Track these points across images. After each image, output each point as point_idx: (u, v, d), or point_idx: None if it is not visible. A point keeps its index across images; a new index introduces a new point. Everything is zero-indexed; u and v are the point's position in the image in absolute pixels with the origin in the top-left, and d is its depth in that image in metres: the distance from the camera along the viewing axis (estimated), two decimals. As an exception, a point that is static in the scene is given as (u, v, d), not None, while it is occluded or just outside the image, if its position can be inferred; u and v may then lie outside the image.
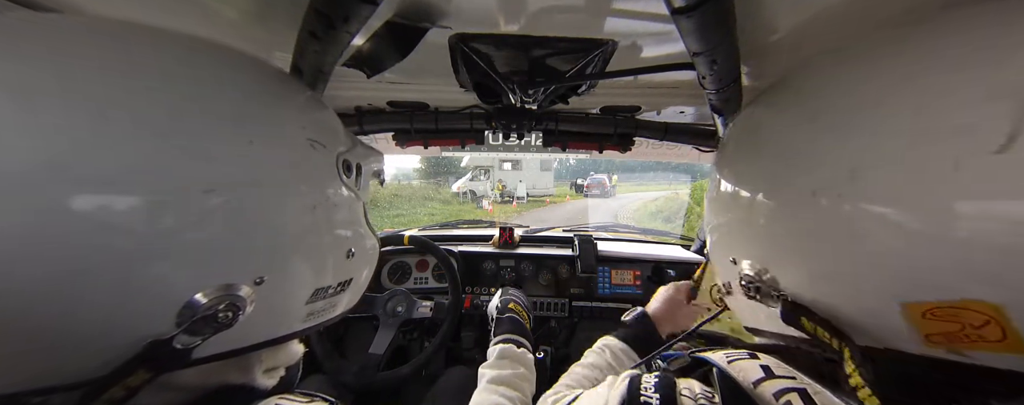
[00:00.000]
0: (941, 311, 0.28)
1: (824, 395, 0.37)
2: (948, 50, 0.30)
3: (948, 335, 0.29)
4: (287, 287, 0.46)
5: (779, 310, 0.42)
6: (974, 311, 0.27)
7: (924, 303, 0.29)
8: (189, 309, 0.36)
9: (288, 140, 0.46)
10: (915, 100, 0.31)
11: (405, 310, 1.32)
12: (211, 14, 0.58)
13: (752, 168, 0.50)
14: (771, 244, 0.44)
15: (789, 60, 0.70)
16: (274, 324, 0.47)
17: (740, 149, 0.56)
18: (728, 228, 0.53)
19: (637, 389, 0.44)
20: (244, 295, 0.40)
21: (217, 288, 0.38)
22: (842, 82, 0.41)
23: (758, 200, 0.46)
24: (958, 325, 0.28)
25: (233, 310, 0.38)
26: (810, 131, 0.41)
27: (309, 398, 0.47)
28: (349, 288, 0.57)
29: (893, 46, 0.36)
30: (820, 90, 0.44)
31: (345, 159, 0.53)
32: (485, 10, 0.55)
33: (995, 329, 0.26)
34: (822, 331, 0.37)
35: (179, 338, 0.36)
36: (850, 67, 0.41)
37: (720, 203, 0.56)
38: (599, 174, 21.87)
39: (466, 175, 18.86)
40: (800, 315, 0.40)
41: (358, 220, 0.57)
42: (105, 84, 0.34)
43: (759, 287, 0.44)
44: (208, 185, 0.36)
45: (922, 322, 0.30)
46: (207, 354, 0.40)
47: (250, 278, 0.40)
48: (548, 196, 20.57)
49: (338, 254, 0.53)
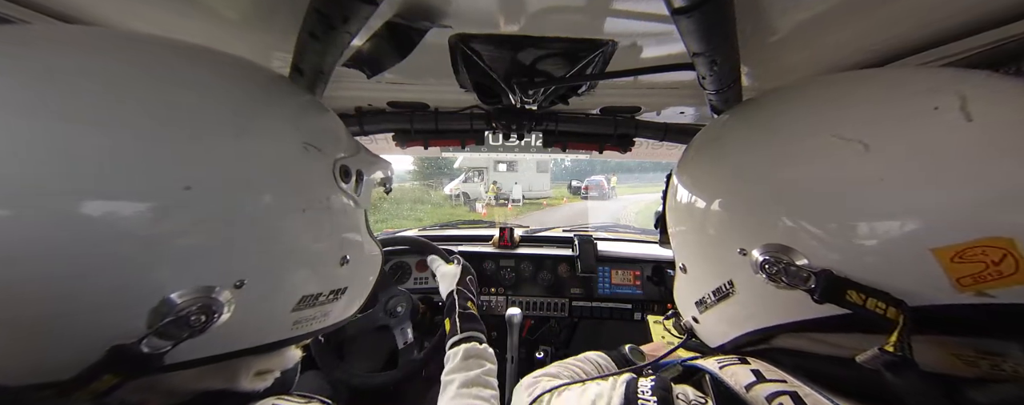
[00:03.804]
0: (968, 252, 0.33)
1: (814, 397, 0.37)
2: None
3: (975, 276, 0.33)
4: (271, 292, 0.44)
5: (812, 288, 0.40)
6: (994, 247, 0.32)
7: (952, 246, 0.33)
8: (161, 311, 0.35)
9: (278, 141, 0.45)
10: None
11: (405, 310, 1.32)
12: (212, 14, 0.58)
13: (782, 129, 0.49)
14: (799, 212, 0.42)
15: (789, 61, 0.70)
16: (257, 330, 0.45)
17: (748, 129, 0.55)
18: (731, 218, 0.51)
19: (634, 392, 0.44)
20: (222, 299, 0.38)
21: (194, 289, 0.36)
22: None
23: (787, 165, 0.45)
24: (982, 264, 0.32)
25: (207, 313, 0.36)
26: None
27: (306, 400, 0.46)
28: (343, 296, 0.55)
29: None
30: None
31: (343, 165, 0.52)
32: (485, 10, 0.56)
33: (1010, 262, 0.31)
34: (875, 301, 0.36)
35: (149, 341, 0.34)
36: None
37: (725, 192, 0.52)
38: (597, 175, 21.03)
39: (459, 177, 18.01)
40: (844, 289, 0.38)
41: (356, 227, 0.56)
42: (90, 89, 0.34)
43: (787, 268, 0.41)
44: (187, 182, 0.35)
45: (952, 266, 0.33)
46: (185, 359, 0.38)
47: (230, 280, 0.39)
48: (544, 198, 19.88)
49: (330, 261, 0.51)
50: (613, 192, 20.45)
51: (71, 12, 0.57)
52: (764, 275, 0.44)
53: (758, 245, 0.45)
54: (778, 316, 0.46)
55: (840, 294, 0.38)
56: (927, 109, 0.38)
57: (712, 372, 0.44)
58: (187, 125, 0.37)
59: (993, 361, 0.35)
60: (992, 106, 0.36)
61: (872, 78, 0.47)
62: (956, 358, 0.36)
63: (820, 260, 0.40)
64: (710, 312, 0.56)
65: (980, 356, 0.36)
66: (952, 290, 0.34)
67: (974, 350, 0.36)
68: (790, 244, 0.42)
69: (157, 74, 0.39)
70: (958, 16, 0.53)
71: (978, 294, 0.33)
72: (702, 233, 0.55)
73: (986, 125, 0.35)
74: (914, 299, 0.36)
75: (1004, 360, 0.35)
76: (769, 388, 0.38)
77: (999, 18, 0.52)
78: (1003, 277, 0.32)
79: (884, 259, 0.37)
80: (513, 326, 1.29)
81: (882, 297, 0.36)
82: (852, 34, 0.60)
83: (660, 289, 1.53)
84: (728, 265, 0.50)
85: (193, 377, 0.42)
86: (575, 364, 0.78)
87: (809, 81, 0.53)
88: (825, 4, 0.52)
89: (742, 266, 0.47)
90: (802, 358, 0.45)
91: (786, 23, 0.57)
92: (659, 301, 1.51)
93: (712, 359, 0.47)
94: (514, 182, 18.54)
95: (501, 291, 1.57)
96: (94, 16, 0.58)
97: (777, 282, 0.42)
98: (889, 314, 0.36)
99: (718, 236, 0.52)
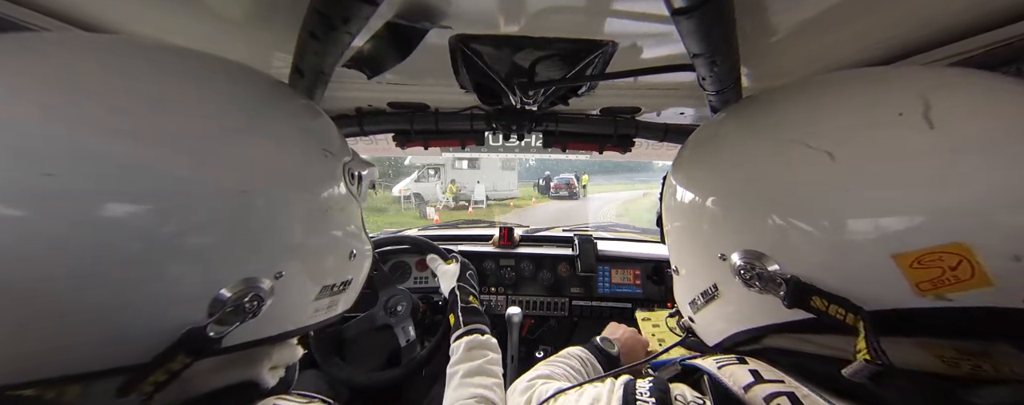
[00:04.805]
0: (926, 257, 0.34)
1: (812, 398, 0.37)
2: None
3: (933, 281, 0.34)
4: (300, 283, 0.49)
5: (783, 295, 0.41)
6: (950, 253, 0.33)
7: (911, 252, 0.34)
8: (219, 301, 0.40)
9: (307, 149, 0.51)
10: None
11: (406, 309, 1.32)
12: (212, 15, 0.58)
13: (755, 138, 0.50)
14: (771, 219, 0.43)
15: (789, 61, 0.70)
16: (286, 318, 0.50)
17: (735, 135, 0.55)
18: (713, 221, 0.51)
19: (632, 393, 0.45)
20: (266, 287, 0.43)
21: (244, 281, 0.41)
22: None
23: (759, 167, 0.46)
24: (940, 269, 0.33)
25: (258, 300, 0.42)
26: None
27: (307, 399, 0.47)
28: (349, 288, 0.60)
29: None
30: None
31: (349, 167, 0.57)
32: (485, 11, 0.56)
33: (966, 268, 0.33)
34: (835, 307, 0.38)
35: (212, 327, 0.39)
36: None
37: (710, 193, 0.52)
38: (566, 174, 19.14)
39: (412, 175, 15.21)
40: (809, 295, 0.39)
41: (359, 224, 0.61)
42: (146, 107, 0.38)
43: (760, 274, 0.43)
44: (243, 187, 0.41)
45: (911, 271, 0.35)
46: (233, 343, 0.43)
47: (272, 272, 0.44)
48: (511, 199, 17.81)
49: (342, 254, 0.56)
50: (583, 191, 19.20)
51: (73, 13, 0.57)
52: (740, 280, 0.45)
53: (736, 250, 0.46)
54: (761, 318, 0.47)
55: (806, 300, 0.40)
56: (891, 116, 0.39)
57: (710, 372, 0.44)
58: (237, 139, 0.43)
59: (974, 362, 0.36)
60: (954, 112, 0.37)
61: (849, 81, 0.47)
62: (938, 359, 0.37)
63: (791, 266, 0.41)
64: (702, 313, 0.57)
65: (961, 357, 0.36)
66: (912, 294, 0.35)
67: (955, 351, 0.36)
68: (765, 250, 0.43)
69: (206, 89, 0.44)
70: (959, 17, 0.53)
71: (937, 298, 0.34)
72: (690, 234, 0.57)
73: (946, 132, 0.35)
74: (876, 303, 0.37)
75: (984, 360, 0.35)
76: (767, 388, 0.39)
77: (999, 19, 0.52)
78: (960, 282, 0.33)
79: (847, 265, 0.38)
80: (513, 325, 1.30)
81: (842, 303, 0.37)
82: (852, 34, 0.60)
83: (660, 288, 1.53)
84: (712, 269, 0.51)
85: (223, 364, 0.46)
86: (562, 361, 0.79)
87: (800, 82, 0.53)
88: (825, 4, 0.52)
89: (723, 270, 0.48)
90: (796, 357, 0.45)
91: (786, 23, 0.57)
92: (659, 300, 1.52)
93: (710, 359, 0.47)
94: (476, 181, 16.14)
95: (501, 290, 1.57)
96: (95, 17, 0.58)
97: (752, 287, 0.44)
98: (849, 320, 0.37)
99: (702, 239, 0.53)
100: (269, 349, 0.51)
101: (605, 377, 0.54)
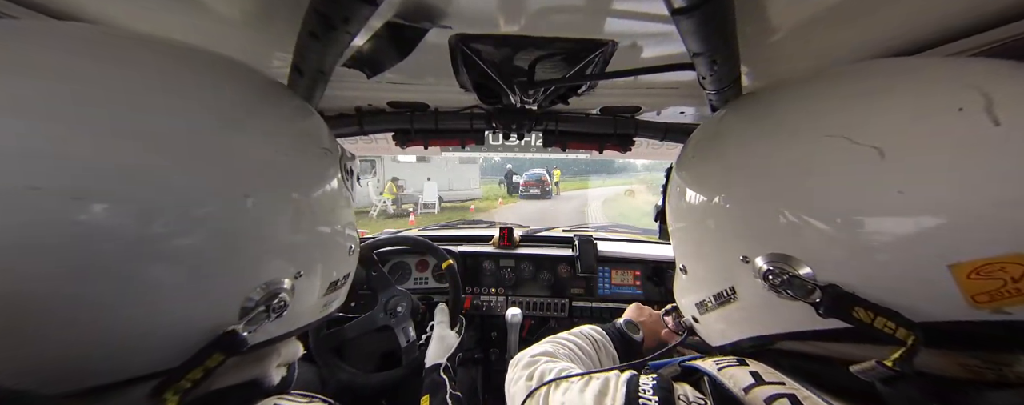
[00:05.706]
0: (986, 268, 0.31)
1: (813, 399, 0.37)
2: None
3: (991, 293, 0.31)
4: (313, 280, 0.51)
5: (817, 303, 0.38)
6: (1015, 264, 0.30)
7: (970, 262, 0.31)
8: (249, 302, 0.42)
9: (311, 149, 0.52)
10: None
11: (405, 310, 1.32)
12: (212, 14, 0.58)
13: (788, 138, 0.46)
14: (803, 221, 0.40)
15: (789, 61, 0.70)
16: (300, 316, 0.51)
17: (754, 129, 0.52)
18: (732, 220, 0.48)
19: (635, 390, 0.44)
20: (288, 287, 0.45)
21: (268, 283, 0.43)
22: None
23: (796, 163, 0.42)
24: (1000, 281, 0.30)
25: (283, 300, 0.44)
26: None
27: (308, 399, 0.47)
28: (347, 282, 0.62)
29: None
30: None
31: (344, 164, 0.59)
32: (485, 10, 0.55)
33: None
34: (883, 320, 0.34)
35: (244, 327, 0.41)
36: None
37: (725, 192, 0.50)
38: (537, 169, 16.13)
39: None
40: (851, 305, 0.36)
41: (353, 220, 0.62)
42: (152, 100, 0.38)
43: (790, 280, 0.39)
44: (246, 190, 0.41)
45: (967, 283, 0.32)
46: (257, 342, 0.45)
47: (293, 272, 0.46)
48: (471, 200, 14.23)
49: (344, 250, 0.58)
50: (555, 189, 16.67)
51: (71, 10, 0.57)
52: (767, 285, 0.42)
53: (761, 253, 0.43)
54: (780, 325, 0.45)
55: (846, 310, 0.36)
56: (948, 111, 0.34)
57: (710, 374, 0.44)
58: (241, 143, 0.43)
59: (999, 370, 0.34)
60: (1021, 107, 0.33)
61: (885, 72, 0.44)
62: (960, 367, 0.35)
63: (825, 272, 0.38)
64: (710, 314, 0.56)
65: (986, 366, 0.34)
66: (965, 307, 0.32)
67: (981, 360, 0.35)
68: (794, 253, 0.40)
69: (208, 92, 0.44)
70: (962, 15, 0.53)
71: (995, 311, 0.32)
72: (702, 234, 0.54)
73: (1016, 129, 0.31)
74: (922, 315, 0.34)
75: (1011, 368, 0.34)
76: (768, 390, 0.38)
77: (1004, 16, 0.51)
78: (1023, 294, 0.30)
79: (895, 274, 0.35)
80: (513, 326, 1.29)
81: (892, 317, 0.34)
82: (853, 33, 0.60)
83: (660, 289, 1.53)
84: (730, 271, 0.49)
85: (240, 362, 0.46)
86: (569, 340, 0.76)
87: (821, 75, 0.51)
88: (826, 3, 0.52)
89: (744, 273, 0.45)
90: (802, 361, 0.44)
91: (786, 22, 0.57)
92: (660, 301, 1.51)
93: (710, 360, 0.47)
94: (426, 178, 12.43)
95: (501, 291, 1.56)
96: (94, 15, 0.58)
97: (781, 293, 0.41)
98: (899, 334, 0.34)
99: (719, 240, 0.50)
100: (279, 346, 0.52)
101: (610, 370, 0.53)
